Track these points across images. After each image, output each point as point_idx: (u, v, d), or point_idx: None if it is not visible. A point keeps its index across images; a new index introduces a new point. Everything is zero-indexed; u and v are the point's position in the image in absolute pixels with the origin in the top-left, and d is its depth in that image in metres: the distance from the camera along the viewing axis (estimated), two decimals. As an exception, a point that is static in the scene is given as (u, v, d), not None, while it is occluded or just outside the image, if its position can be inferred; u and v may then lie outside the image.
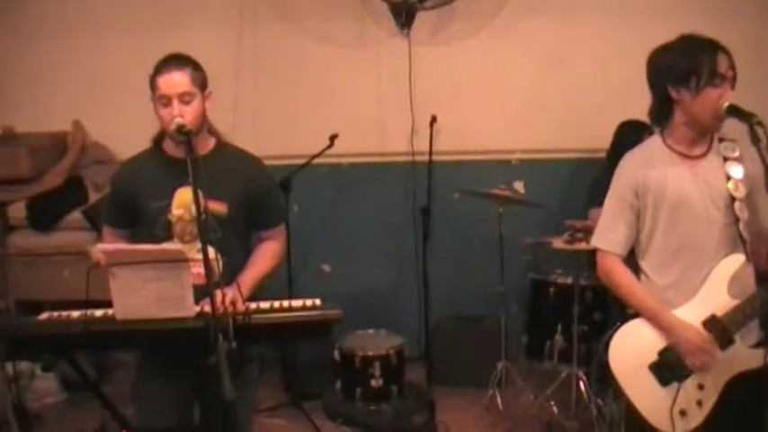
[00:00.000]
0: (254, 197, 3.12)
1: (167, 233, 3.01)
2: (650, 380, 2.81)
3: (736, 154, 2.84)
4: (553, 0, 5.64)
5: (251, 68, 5.62)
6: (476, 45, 5.65)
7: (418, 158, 5.63)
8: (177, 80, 2.94)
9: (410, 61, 5.59)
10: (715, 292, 2.76)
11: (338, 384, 4.72)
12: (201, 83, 3.02)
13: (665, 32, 2.92)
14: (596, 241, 3.01)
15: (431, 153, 5.50)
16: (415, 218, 5.51)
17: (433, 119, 5.49)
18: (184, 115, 2.91)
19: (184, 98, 2.94)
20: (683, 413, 2.77)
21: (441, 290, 5.49)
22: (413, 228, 5.59)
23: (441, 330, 5.46)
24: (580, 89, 5.59)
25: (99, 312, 2.77)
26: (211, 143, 3.14)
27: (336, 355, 4.71)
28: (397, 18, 5.55)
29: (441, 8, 5.47)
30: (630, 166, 2.93)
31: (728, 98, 2.74)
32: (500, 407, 4.83)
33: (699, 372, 2.76)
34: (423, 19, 5.56)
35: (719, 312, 2.75)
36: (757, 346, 2.79)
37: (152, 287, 2.62)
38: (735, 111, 2.69)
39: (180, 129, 2.84)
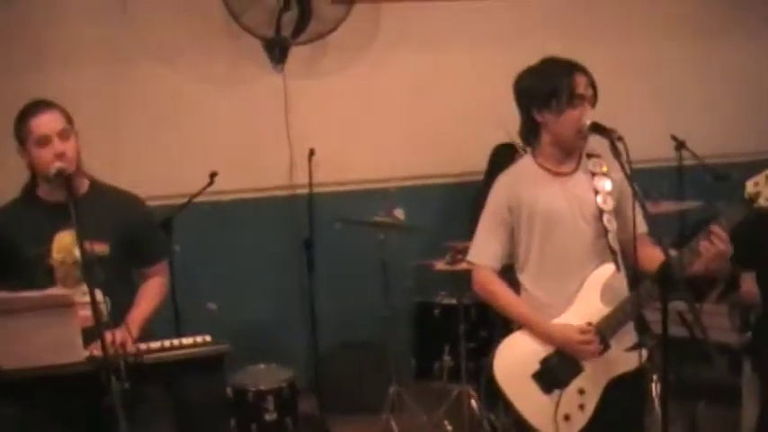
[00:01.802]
0: (134, 234, 3.13)
1: (49, 279, 2.97)
2: (534, 389, 2.91)
3: (604, 169, 2.99)
4: (423, 30, 5.81)
5: (128, 109, 5.52)
6: (350, 77, 5.75)
7: (298, 191, 5.69)
8: (52, 118, 2.96)
9: (285, 96, 5.64)
10: (589, 301, 2.90)
11: (233, 422, 4.68)
12: (71, 122, 3.02)
13: (534, 55, 3.04)
14: (472, 256, 3.11)
15: (310, 185, 5.55)
16: (298, 250, 5.52)
17: (311, 152, 5.56)
18: (67, 151, 2.91)
19: (63, 135, 2.95)
20: (566, 418, 2.87)
21: (328, 319, 5.53)
22: (297, 260, 5.60)
23: (331, 359, 5.49)
24: (454, 115, 5.77)
25: (-18, 364, 2.71)
26: (86, 184, 3.13)
27: (229, 392, 4.67)
28: (270, 54, 5.59)
29: (313, 42, 5.55)
30: (504, 185, 3.05)
31: (590, 116, 2.87)
32: (395, 430, 4.88)
33: (590, 363, 2.88)
34: (296, 54, 5.61)
35: (594, 319, 2.88)
36: (632, 349, 2.93)
37: (39, 334, 2.58)
38: (597, 128, 2.82)
39: (60, 172, 2.83)
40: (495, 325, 4.75)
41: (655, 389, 4.51)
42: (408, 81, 5.80)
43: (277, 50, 5.56)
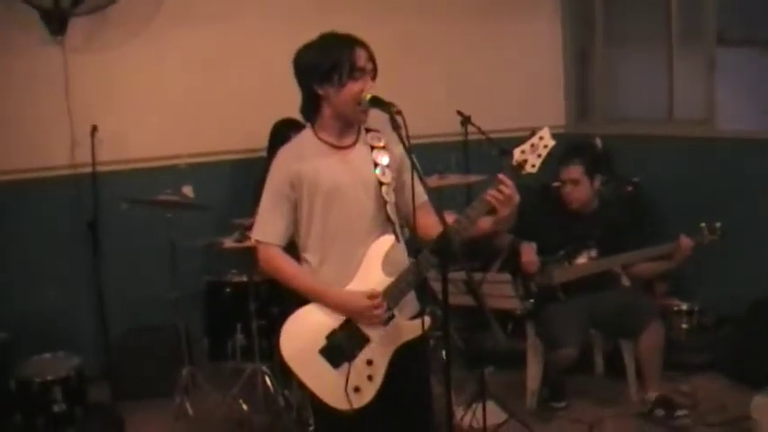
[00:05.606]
0: None
1: None
2: (323, 364, 2.90)
3: (382, 143, 3.02)
4: (207, 5, 5.72)
5: None
6: (133, 51, 5.56)
7: (81, 171, 5.45)
8: None
9: (66, 70, 5.38)
10: (371, 272, 2.91)
11: (18, 417, 4.45)
12: None
13: (319, 32, 2.99)
14: (256, 234, 3.07)
15: (94, 164, 5.35)
16: (83, 232, 5.34)
17: (94, 128, 5.35)
18: None
19: None
20: (357, 389, 2.89)
21: (117, 303, 5.41)
22: (82, 243, 5.40)
23: (121, 344, 5.36)
24: (240, 90, 5.74)
25: None
26: None
27: (12, 384, 4.43)
28: (48, 25, 5.30)
29: (93, 14, 5.31)
30: (284, 160, 3.02)
31: (371, 89, 2.88)
32: (190, 412, 4.81)
33: (376, 334, 2.91)
34: (76, 26, 5.36)
35: (377, 290, 2.92)
36: (416, 317, 2.99)
37: None
38: (376, 101, 2.84)
39: None
40: (287, 301, 4.73)
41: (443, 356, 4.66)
42: (193, 56, 5.68)
43: (56, 21, 5.29)
